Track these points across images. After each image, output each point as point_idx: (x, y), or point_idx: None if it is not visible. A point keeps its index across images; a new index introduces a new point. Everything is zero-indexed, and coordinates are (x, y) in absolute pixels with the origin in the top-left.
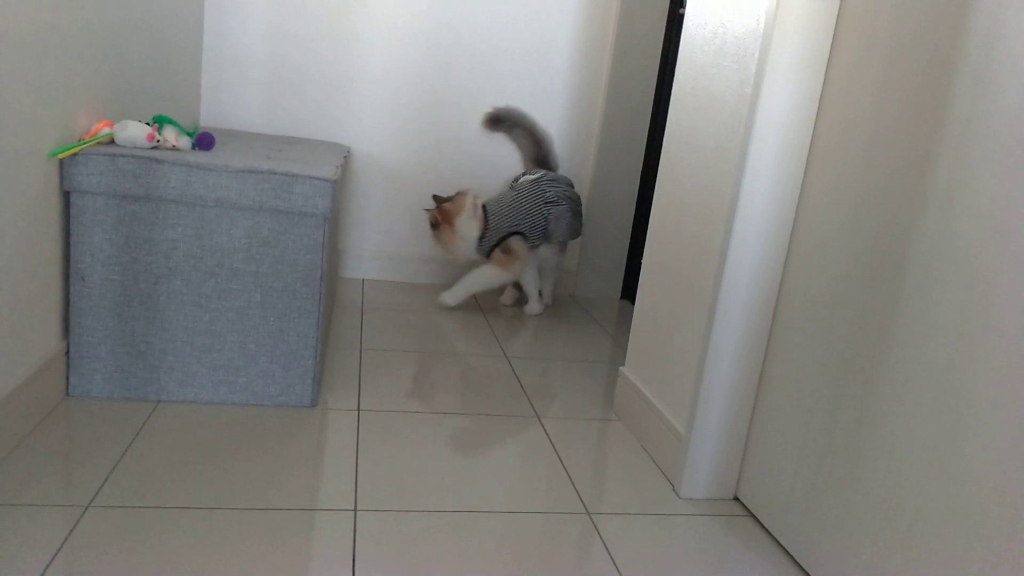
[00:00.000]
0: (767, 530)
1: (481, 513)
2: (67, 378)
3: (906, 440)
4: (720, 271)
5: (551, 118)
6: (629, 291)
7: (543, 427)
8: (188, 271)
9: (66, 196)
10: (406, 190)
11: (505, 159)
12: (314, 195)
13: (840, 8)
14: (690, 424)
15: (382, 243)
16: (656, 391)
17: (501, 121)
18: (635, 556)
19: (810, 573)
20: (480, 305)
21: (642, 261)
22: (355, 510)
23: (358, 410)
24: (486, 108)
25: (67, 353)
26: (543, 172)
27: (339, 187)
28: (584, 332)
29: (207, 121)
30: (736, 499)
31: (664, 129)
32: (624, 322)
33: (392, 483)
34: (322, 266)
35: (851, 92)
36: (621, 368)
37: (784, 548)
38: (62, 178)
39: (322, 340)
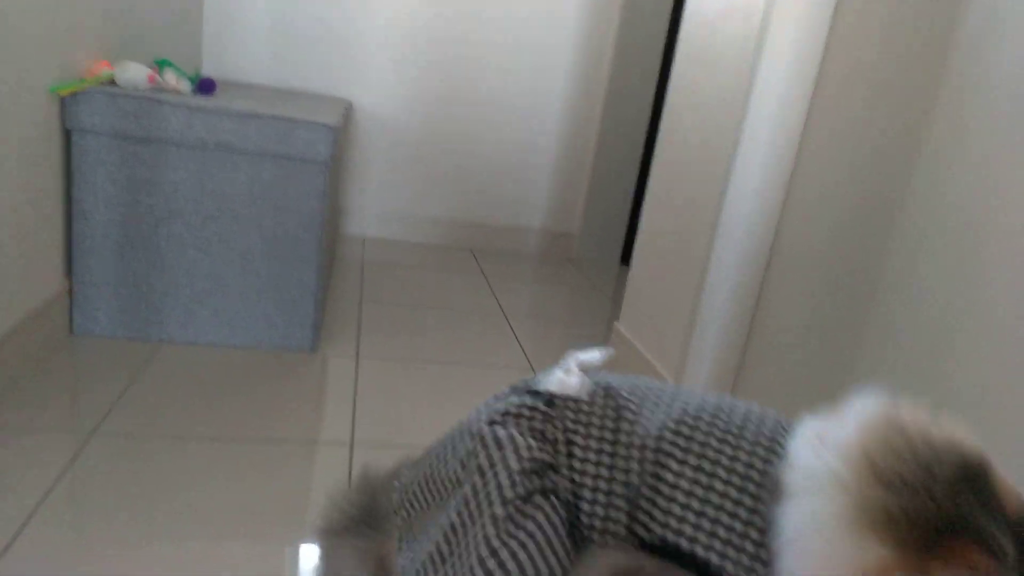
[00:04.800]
0: None
1: None
2: (71, 316)
3: (893, 388)
4: (715, 223)
5: (556, 76)
6: (630, 256)
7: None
8: (189, 214)
9: (67, 134)
10: (409, 147)
11: (508, 117)
12: (316, 141)
13: None
14: (680, 374)
15: (384, 201)
16: (648, 344)
17: None
18: None
19: None
20: (481, 268)
21: (640, 216)
22: (352, 444)
23: (357, 357)
24: (490, 65)
25: (70, 292)
26: None
27: (341, 136)
28: (582, 294)
29: (208, 71)
30: None
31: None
32: (623, 286)
33: (388, 422)
34: (323, 213)
35: (855, 43)
36: (615, 323)
37: None
38: (63, 116)
39: (323, 288)
